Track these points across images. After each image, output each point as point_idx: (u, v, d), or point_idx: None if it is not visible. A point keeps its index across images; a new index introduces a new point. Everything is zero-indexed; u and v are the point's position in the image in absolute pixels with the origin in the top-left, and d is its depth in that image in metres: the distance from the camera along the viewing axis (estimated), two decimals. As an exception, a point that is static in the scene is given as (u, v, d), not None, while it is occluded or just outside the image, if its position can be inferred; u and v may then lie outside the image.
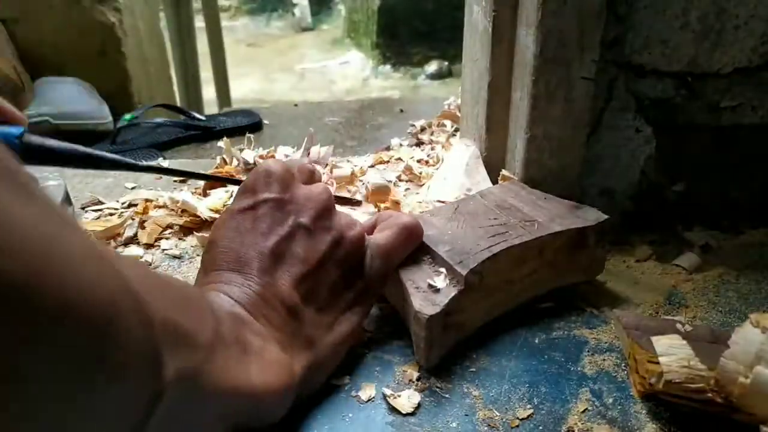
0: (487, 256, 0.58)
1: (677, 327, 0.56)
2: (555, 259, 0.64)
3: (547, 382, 0.57)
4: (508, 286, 0.62)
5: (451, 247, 0.60)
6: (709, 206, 0.80)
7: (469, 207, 0.68)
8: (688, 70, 0.72)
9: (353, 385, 0.57)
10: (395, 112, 1.44)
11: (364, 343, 0.62)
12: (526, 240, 0.61)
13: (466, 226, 0.64)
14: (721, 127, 0.75)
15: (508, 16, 0.73)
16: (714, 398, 0.49)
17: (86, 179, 1.01)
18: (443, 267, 0.59)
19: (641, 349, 0.54)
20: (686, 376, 0.49)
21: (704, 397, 0.49)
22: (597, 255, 0.67)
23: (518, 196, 0.70)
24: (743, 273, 0.72)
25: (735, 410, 0.48)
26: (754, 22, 0.69)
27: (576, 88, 0.70)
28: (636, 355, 0.55)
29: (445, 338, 0.57)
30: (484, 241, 0.61)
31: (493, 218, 0.65)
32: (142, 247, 0.79)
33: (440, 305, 0.55)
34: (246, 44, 3.95)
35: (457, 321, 0.58)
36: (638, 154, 0.76)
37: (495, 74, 0.77)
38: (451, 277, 0.58)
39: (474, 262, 0.58)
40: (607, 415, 0.53)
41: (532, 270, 0.63)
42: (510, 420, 0.53)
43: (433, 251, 0.60)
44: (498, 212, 0.66)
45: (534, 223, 0.64)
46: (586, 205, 0.68)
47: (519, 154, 0.75)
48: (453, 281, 0.57)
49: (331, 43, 3.87)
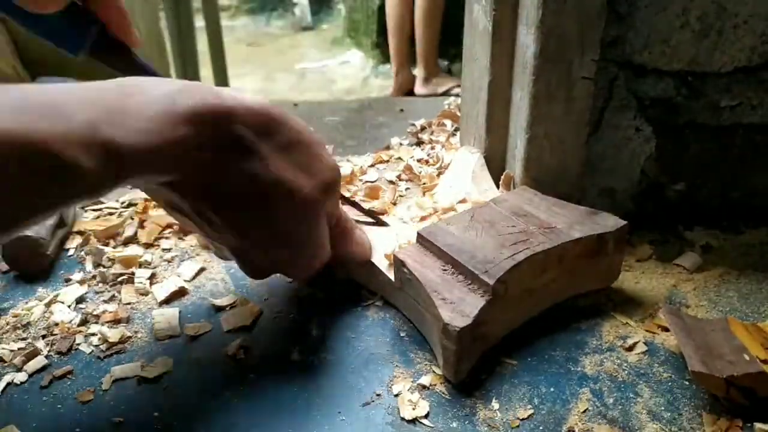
0: (511, 264, 0.57)
1: None
2: (574, 266, 0.63)
3: (547, 382, 0.57)
4: (529, 294, 0.61)
5: (473, 256, 0.59)
6: (710, 206, 0.80)
7: (485, 215, 0.66)
8: (688, 70, 0.72)
9: (353, 385, 0.57)
10: (395, 111, 1.44)
11: (363, 344, 0.62)
12: (547, 247, 0.60)
13: (485, 234, 0.62)
14: (722, 126, 0.75)
15: (508, 15, 0.73)
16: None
17: (86, 179, 1.01)
18: (469, 278, 0.57)
19: None
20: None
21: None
22: (615, 261, 0.66)
23: (532, 203, 0.69)
24: (744, 273, 0.72)
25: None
26: (754, 21, 0.69)
27: (576, 88, 0.70)
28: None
29: (473, 350, 0.56)
30: (506, 250, 0.59)
31: (511, 225, 0.64)
32: (142, 247, 0.79)
33: (470, 317, 0.53)
34: (246, 44, 3.95)
35: (483, 332, 0.56)
36: (639, 154, 0.76)
37: (495, 73, 0.77)
38: (477, 287, 0.56)
39: (500, 271, 0.56)
40: (607, 415, 0.53)
41: (551, 278, 0.62)
42: (510, 420, 0.53)
43: (455, 261, 0.59)
44: (515, 219, 0.65)
45: (553, 230, 0.62)
46: (603, 211, 0.66)
47: (519, 154, 0.75)
48: (479, 291, 0.56)
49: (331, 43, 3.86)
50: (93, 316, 0.67)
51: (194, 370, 0.60)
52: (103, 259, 0.75)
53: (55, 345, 0.63)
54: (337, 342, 0.63)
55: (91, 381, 0.59)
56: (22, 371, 0.60)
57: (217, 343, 0.63)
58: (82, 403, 0.56)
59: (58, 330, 0.65)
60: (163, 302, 0.69)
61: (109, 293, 0.71)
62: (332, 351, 0.62)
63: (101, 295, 0.70)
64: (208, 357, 0.61)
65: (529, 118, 0.71)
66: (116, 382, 0.59)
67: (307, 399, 0.56)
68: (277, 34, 4.16)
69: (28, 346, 0.62)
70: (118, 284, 0.72)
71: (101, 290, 0.71)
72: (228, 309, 0.68)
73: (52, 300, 0.69)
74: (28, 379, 0.59)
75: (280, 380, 0.58)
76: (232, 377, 0.59)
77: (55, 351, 0.62)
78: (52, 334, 0.64)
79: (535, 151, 0.73)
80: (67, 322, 0.66)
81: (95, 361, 0.61)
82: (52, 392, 0.58)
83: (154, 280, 0.73)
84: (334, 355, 0.61)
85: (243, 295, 0.70)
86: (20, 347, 0.62)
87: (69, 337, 0.64)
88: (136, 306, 0.69)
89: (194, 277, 0.74)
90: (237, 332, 0.65)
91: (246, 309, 0.67)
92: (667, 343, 0.62)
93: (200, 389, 0.57)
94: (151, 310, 0.68)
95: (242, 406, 0.55)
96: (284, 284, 0.72)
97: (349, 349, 0.62)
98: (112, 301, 0.70)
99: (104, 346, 0.63)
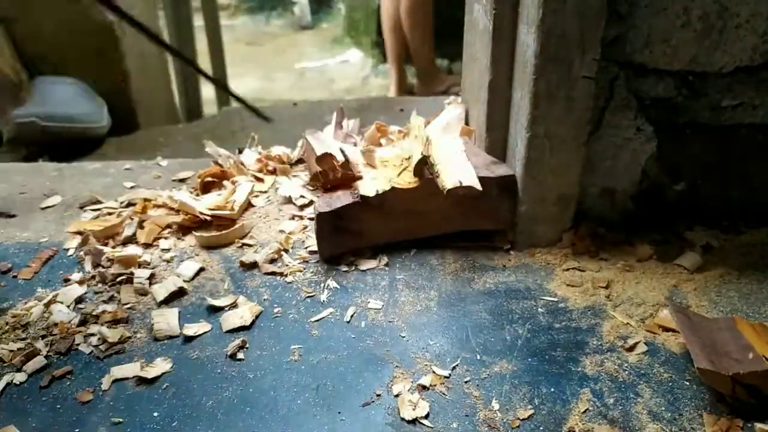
0: None
1: None
2: (459, 201, 0.75)
3: (547, 382, 0.57)
4: (415, 216, 0.76)
5: None
6: (711, 206, 0.80)
7: None
8: (689, 69, 0.71)
9: (353, 385, 0.57)
10: (395, 111, 1.44)
11: (363, 344, 0.62)
12: (429, 177, 0.74)
13: None
14: (723, 126, 0.75)
15: (508, 14, 0.73)
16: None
17: (84, 178, 1.00)
18: None
19: None
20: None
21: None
22: (501, 206, 0.76)
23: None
24: (744, 272, 0.72)
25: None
26: (756, 21, 0.68)
27: (577, 87, 0.70)
28: None
29: (340, 239, 0.74)
30: None
31: None
32: (141, 247, 0.78)
33: (332, 207, 0.73)
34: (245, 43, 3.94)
35: (352, 228, 0.74)
36: (639, 153, 0.76)
37: (495, 73, 0.77)
38: (356, 194, 0.75)
39: None
40: (608, 415, 0.53)
41: (437, 207, 0.76)
42: (510, 420, 0.53)
43: None
44: None
45: None
46: (503, 163, 0.78)
47: (520, 153, 0.75)
48: (354, 195, 0.74)
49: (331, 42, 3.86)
50: (92, 316, 0.67)
51: (194, 370, 0.60)
52: (102, 259, 0.75)
53: (54, 345, 0.63)
54: (337, 342, 0.63)
55: (91, 381, 0.59)
56: (22, 371, 0.60)
57: (217, 343, 0.63)
58: (81, 403, 0.56)
59: (57, 330, 0.65)
60: (162, 302, 0.69)
61: (108, 293, 0.70)
62: (332, 351, 0.62)
63: (100, 295, 0.70)
64: (208, 357, 0.61)
65: (530, 118, 0.71)
66: (116, 382, 0.58)
67: (307, 399, 0.56)
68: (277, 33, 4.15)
69: (28, 346, 0.62)
70: (117, 284, 0.72)
71: (100, 290, 0.71)
72: (228, 309, 0.68)
73: (51, 300, 0.69)
74: (28, 379, 0.59)
75: (280, 380, 0.58)
76: (232, 377, 0.59)
77: (54, 351, 0.62)
78: (51, 335, 0.64)
79: (535, 151, 0.73)
80: (66, 322, 0.65)
81: (95, 362, 0.61)
82: (52, 392, 0.57)
83: (154, 280, 0.73)
84: (334, 355, 0.61)
85: (243, 295, 0.70)
86: (20, 347, 0.62)
87: (68, 337, 0.64)
88: (135, 306, 0.69)
89: (194, 277, 0.73)
90: (237, 332, 0.65)
91: (246, 309, 0.67)
92: (667, 344, 0.61)
93: (200, 389, 0.57)
94: (150, 311, 0.68)
95: (242, 406, 0.55)
96: (284, 284, 0.72)
97: (349, 349, 0.62)
98: (112, 301, 0.69)
99: (104, 347, 0.63)
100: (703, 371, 0.52)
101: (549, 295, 0.69)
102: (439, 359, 0.59)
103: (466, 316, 0.65)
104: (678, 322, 0.58)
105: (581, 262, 0.74)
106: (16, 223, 0.87)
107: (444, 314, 0.66)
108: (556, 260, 0.74)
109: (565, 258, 0.75)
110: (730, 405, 0.53)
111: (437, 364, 0.59)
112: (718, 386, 0.53)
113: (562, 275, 0.72)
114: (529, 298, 0.68)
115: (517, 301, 0.68)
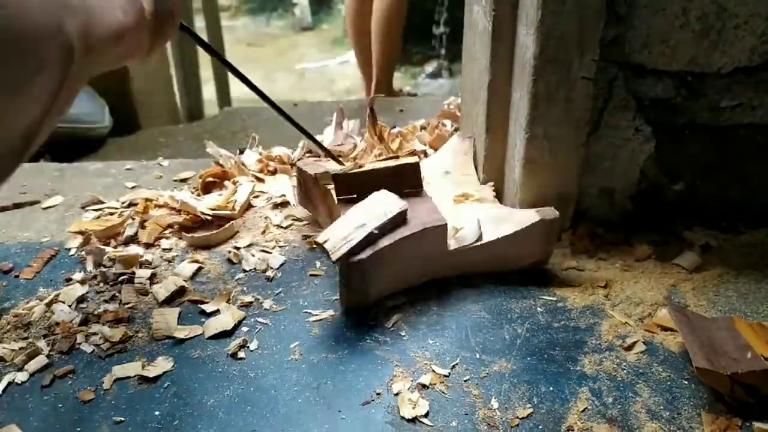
0: None
1: None
2: None
3: (546, 381, 0.57)
4: None
5: None
6: (709, 206, 0.80)
7: None
8: (688, 70, 0.72)
9: (353, 385, 0.57)
10: (395, 111, 1.44)
11: (363, 344, 0.62)
12: None
13: None
14: (722, 126, 0.75)
15: (507, 15, 0.73)
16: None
17: (86, 178, 1.01)
18: None
19: None
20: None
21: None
22: None
23: None
24: (743, 272, 0.72)
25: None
26: (755, 21, 0.69)
27: (576, 88, 0.70)
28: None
29: None
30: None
31: None
32: (142, 247, 0.79)
33: None
34: (246, 44, 3.95)
35: None
36: (638, 154, 0.76)
37: (495, 74, 0.77)
38: None
39: None
40: (606, 414, 0.53)
41: None
42: (510, 419, 0.53)
43: None
44: None
45: None
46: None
47: (519, 154, 0.75)
48: None
49: (331, 43, 3.87)
50: (94, 315, 0.67)
51: (195, 369, 0.60)
52: (104, 258, 0.75)
53: (56, 344, 0.63)
54: (337, 342, 0.63)
55: (92, 380, 0.59)
56: (24, 371, 0.60)
57: (217, 342, 0.63)
58: (83, 402, 0.56)
59: (59, 329, 0.65)
60: (163, 302, 0.69)
61: (109, 293, 0.71)
62: (332, 351, 0.62)
63: (102, 294, 0.71)
64: (208, 357, 0.62)
65: (529, 118, 0.71)
66: (117, 381, 0.59)
67: (308, 398, 0.56)
68: (277, 34, 4.16)
69: (29, 345, 0.63)
70: (118, 284, 0.72)
71: (102, 290, 0.71)
72: (228, 308, 0.68)
73: (53, 300, 0.69)
74: (30, 378, 0.59)
75: (280, 380, 0.58)
76: (232, 377, 0.59)
77: (56, 350, 0.62)
78: (53, 334, 0.64)
79: (534, 151, 0.73)
80: (68, 321, 0.66)
81: (96, 361, 0.61)
82: (53, 391, 0.58)
83: (155, 279, 0.73)
84: (334, 355, 0.61)
85: (243, 295, 0.70)
86: (21, 347, 0.63)
87: (70, 336, 0.64)
88: (136, 306, 0.69)
89: (194, 276, 0.74)
90: (237, 332, 0.65)
91: (234, 310, 0.67)
92: (666, 343, 0.62)
93: (201, 388, 0.58)
94: (151, 310, 0.68)
95: (242, 405, 0.56)
96: (284, 283, 0.72)
97: (349, 349, 0.62)
98: (113, 300, 0.70)
99: (105, 346, 0.63)
100: (701, 370, 0.52)
101: (548, 294, 0.69)
102: (439, 358, 0.60)
103: (465, 316, 0.66)
104: (676, 322, 0.59)
105: (580, 262, 0.75)
106: (18, 223, 0.87)
107: (443, 314, 0.66)
108: (554, 260, 0.75)
109: (563, 258, 0.75)
110: (728, 404, 0.54)
111: (437, 363, 0.59)
112: (717, 385, 0.53)
113: (561, 275, 0.73)
114: (528, 298, 0.68)
115: (516, 300, 0.68)
